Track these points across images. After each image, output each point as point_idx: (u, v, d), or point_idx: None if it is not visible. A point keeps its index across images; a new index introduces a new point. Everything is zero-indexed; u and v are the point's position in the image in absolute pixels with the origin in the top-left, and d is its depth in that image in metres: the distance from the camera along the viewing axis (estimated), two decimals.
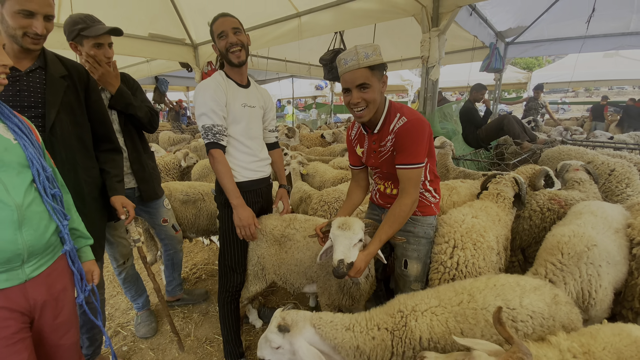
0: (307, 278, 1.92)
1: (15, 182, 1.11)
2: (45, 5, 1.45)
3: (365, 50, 1.46)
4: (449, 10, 3.21)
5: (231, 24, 1.76)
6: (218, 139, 1.75)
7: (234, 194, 1.78)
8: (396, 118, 1.58)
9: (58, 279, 1.26)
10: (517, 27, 5.85)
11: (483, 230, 1.79)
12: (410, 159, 1.54)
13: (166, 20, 5.03)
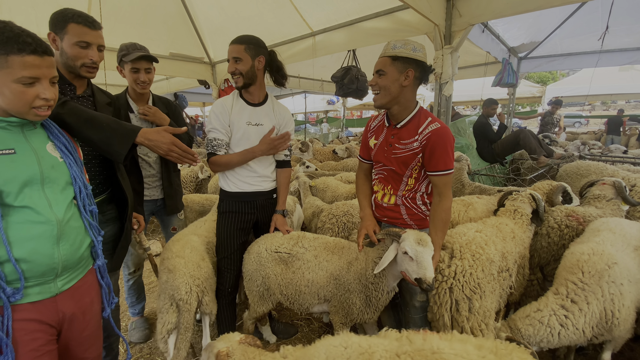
0: (319, 298, 1.90)
1: (58, 198, 1.17)
2: (98, 37, 1.61)
3: (396, 42, 1.59)
4: (461, 29, 3.26)
5: (233, 53, 1.89)
6: (215, 150, 1.97)
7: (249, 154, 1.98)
8: (427, 121, 1.64)
9: (86, 292, 1.30)
10: (530, 42, 5.86)
11: (484, 243, 1.80)
12: (448, 165, 1.62)
13: (186, 40, 5.26)
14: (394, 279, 1.68)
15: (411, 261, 1.48)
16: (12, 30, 1.00)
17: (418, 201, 1.78)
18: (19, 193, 1.06)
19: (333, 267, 1.85)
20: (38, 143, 1.16)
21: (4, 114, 1.06)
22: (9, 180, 1.04)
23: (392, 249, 1.57)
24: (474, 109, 20.23)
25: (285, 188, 2.22)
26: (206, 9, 4.80)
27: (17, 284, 1.07)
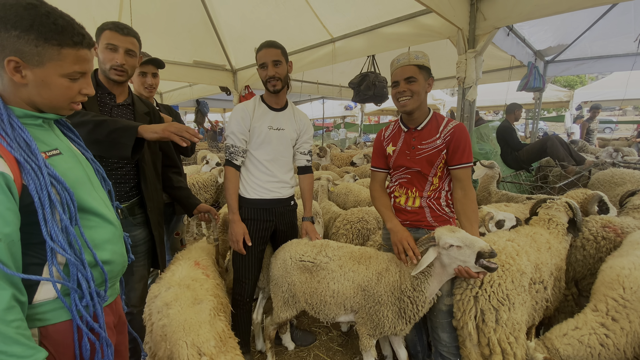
0: (346, 309, 1.86)
1: (105, 197, 1.15)
2: (126, 42, 1.67)
3: (417, 53, 1.73)
4: (486, 32, 3.18)
5: (273, 56, 1.91)
6: (232, 158, 2.00)
7: (232, 209, 1.99)
8: (445, 121, 1.79)
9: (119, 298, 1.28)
10: (558, 45, 5.65)
11: (515, 253, 1.72)
12: (470, 158, 1.75)
13: (209, 48, 5.41)
14: (439, 283, 1.63)
15: (460, 249, 1.46)
16: (64, 18, 0.92)
17: (442, 201, 1.84)
18: (83, 194, 1.01)
19: (360, 278, 1.80)
20: (66, 140, 1.10)
21: (34, 108, 0.96)
22: (73, 183, 0.99)
23: (431, 252, 1.54)
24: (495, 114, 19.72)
25: (310, 194, 2.23)
26: (229, 18, 4.92)
27: (101, 286, 1.07)
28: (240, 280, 2.09)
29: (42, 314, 0.94)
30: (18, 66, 0.88)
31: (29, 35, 0.87)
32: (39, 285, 0.93)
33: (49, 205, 0.90)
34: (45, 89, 0.93)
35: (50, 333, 0.95)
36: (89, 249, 1.00)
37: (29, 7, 0.87)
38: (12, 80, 0.90)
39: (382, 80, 4.82)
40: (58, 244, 0.91)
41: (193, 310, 1.59)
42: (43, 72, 0.91)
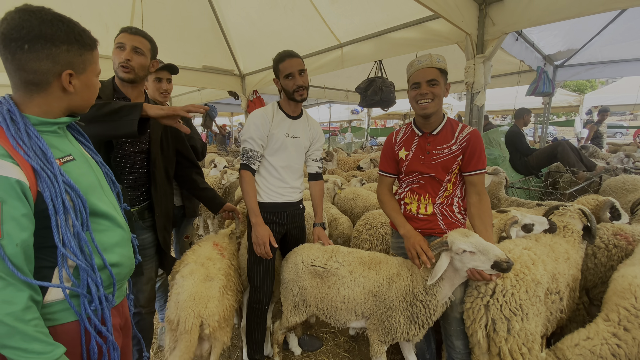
0: (357, 315, 1.84)
1: (114, 200, 1.18)
2: (133, 40, 1.71)
3: (438, 56, 1.72)
4: (494, 37, 3.18)
5: (298, 65, 1.91)
6: (250, 162, 1.97)
7: (254, 212, 1.95)
8: (460, 126, 1.78)
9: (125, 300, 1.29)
10: (567, 50, 5.60)
11: (531, 262, 1.69)
12: (484, 164, 1.74)
13: (218, 53, 5.48)
14: (451, 287, 1.61)
15: (474, 254, 1.45)
16: (78, 25, 1.00)
17: (455, 208, 1.83)
18: (93, 199, 1.04)
19: (371, 283, 1.79)
20: (77, 145, 1.13)
21: (50, 115, 0.99)
22: (86, 189, 1.02)
23: (444, 256, 1.53)
24: (503, 118, 19.56)
25: (320, 200, 2.24)
26: (238, 24, 4.98)
27: (109, 289, 1.09)
28: (258, 287, 2.07)
29: (52, 314, 0.97)
30: (71, 77, 0.97)
31: (74, 47, 0.96)
32: (48, 289, 0.96)
33: (62, 212, 0.93)
34: (87, 91, 1.05)
35: (59, 332, 0.97)
36: (99, 254, 1.03)
37: (61, 21, 0.94)
38: (61, 91, 0.97)
39: (389, 85, 4.82)
40: (70, 249, 0.95)
41: (204, 286, 1.79)
42: (86, 77, 1.02)
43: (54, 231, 0.92)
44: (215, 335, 1.73)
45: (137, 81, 1.78)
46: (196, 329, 1.64)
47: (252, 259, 2.07)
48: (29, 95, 0.95)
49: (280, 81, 1.97)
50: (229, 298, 1.89)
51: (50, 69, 0.94)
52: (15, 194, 0.85)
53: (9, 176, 0.84)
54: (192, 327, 1.63)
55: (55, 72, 0.95)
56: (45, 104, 0.97)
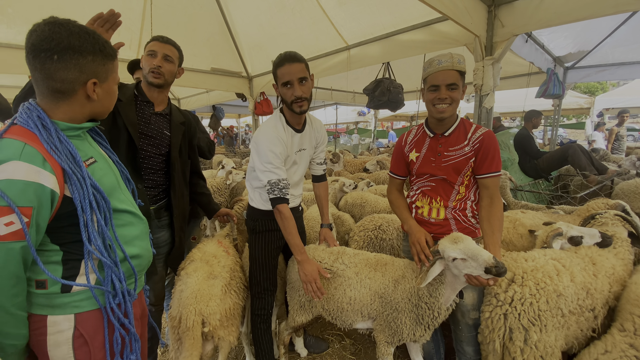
0: (363, 316, 1.85)
1: (130, 197, 1.25)
2: (164, 48, 1.79)
3: (459, 57, 1.63)
4: (504, 39, 3.15)
5: (298, 72, 1.69)
6: (284, 194, 1.77)
7: (299, 250, 1.80)
8: (473, 127, 1.72)
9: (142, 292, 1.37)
10: (578, 51, 5.53)
11: (555, 272, 1.62)
12: (499, 166, 1.68)
13: (226, 55, 5.53)
14: (453, 291, 1.59)
15: (465, 261, 1.43)
16: (101, 37, 1.06)
17: (468, 212, 1.77)
18: (114, 198, 1.12)
19: (377, 285, 1.79)
20: (96, 145, 1.20)
21: (75, 121, 1.05)
22: (108, 189, 1.10)
23: (437, 264, 1.52)
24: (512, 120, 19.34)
25: (326, 201, 2.21)
26: (246, 26, 5.03)
27: (131, 280, 1.18)
28: (261, 294, 2.05)
29: (78, 302, 1.04)
30: (95, 85, 1.03)
31: (98, 57, 1.03)
32: (77, 276, 1.04)
33: (89, 212, 1.01)
34: (109, 98, 1.12)
35: (85, 319, 1.05)
36: (120, 247, 1.11)
37: (87, 33, 1.00)
38: (85, 98, 1.03)
39: (397, 86, 4.81)
40: (96, 247, 1.03)
41: (207, 284, 1.79)
42: (108, 85, 1.09)
43: (82, 230, 1.00)
44: (218, 334, 1.73)
45: (165, 87, 1.86)
46: (198, 326, 1.65)
47: (255, 267, 2.03)
48: (56, 102, 1.01)
49: (279, 89, 1.77)
50: (232, 296, 1.88)
51: (77, 78, 1.00)
52: (47, 202, 0.93)
53: (46, 185, 0.92)
54: (193, 325, 1.63)
55: (81, 81, 1.01)
56: (70, 111, 1.03)
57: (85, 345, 1.05)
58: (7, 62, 3.69)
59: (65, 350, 1.03)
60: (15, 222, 0.88)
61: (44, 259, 1.00)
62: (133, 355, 1.14)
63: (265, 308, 2.08)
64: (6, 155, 0.88)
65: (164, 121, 1.91)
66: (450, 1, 2.68)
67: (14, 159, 0.88)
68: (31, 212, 0.90)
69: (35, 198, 0.91)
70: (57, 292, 1.01)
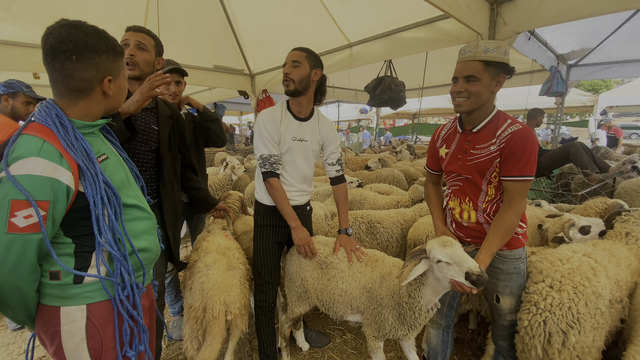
0: (352, 309, 1.90)
1: (140, 194, 1.29)
2: (136, 36, 1.75)
3: (487, 45, 1.46)
4: (506, 37, 3.15)
5: (293, 56, 1.86)
6: (274, 168, 1.90)
7: (292, 217, 1.92)
8: (506, 123, 1.52)
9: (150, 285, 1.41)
10: (581, 49, 5.50)
11: (592, 272, 1.60)
12: (525, 170, 1.46)
13: (229, 53, 5.55)
14: (435, 294, 1.60)
15: (449, 265, 1.41)
16: (109, 35, 1.10)
17: None
18: (124, 194, 1.17)
19: (366, 279, 1.84)
20: (108, 143, 1.24)
21: (89, 118, 1.10)
22: (119, 185, 1.14)
23: (422, 264, 1.53)
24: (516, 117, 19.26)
25: (345, 204, 2.14)
26: (248, 24, 5.04)
27: (139, 273, 1.22)
28: (263, 286, 2.09)
29: (89, 292, 1.09)
30: (110, 82, 1.08)
31: (110, 55, 1.07)
32: (88, 268, 1.09)
33: (101, 207, 1.06)
34: (121, 94, 1.16)
35: (96, 309, 1.09)
36: (129, 241, 1.15)
37: (99, 32, 1.05)
38: (102, 95, 1.08)
39: (398, 84, 4.82)
40: (106, 240, 1.07)
41: (227, 275, 1.92)
42: (120, 81, 1.14)
43: (94, 224, 1.05)
44: (235, 323, 1.87)
45: (143, 77, 1.77)
46: (222, 315, 1.78)
47: (257, 260, 2.09)
48: (74, 100, 1.06)
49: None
50: (246, 287, 2.02)
51: (94, 76, 1.05)
52: (62, 197, 0.98)
53: (62, 181, 0.97)
54: (219, 314, 1.76)
55: (98, 79, 1.06)
56: (87, 108, 1.08)
57: (98, 335, 1.09)
58: (11, 59, 3.73)
59: (78, 340, 1.06)
60: (33, 215, 0.93)
61: (58, 250, 1.04)
62: (141, 345, 1.18)
63: (267, 301, 2.11)
64: (26, 151, 0.93)
65: (151, 115, 1.86)
66: None
67: (33, 155, 0.93)
68: (48, 206, 0.95)
69: (52, 193, 0.95)
70: (69, 283, 1.05)
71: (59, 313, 1.05)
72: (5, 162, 0.92)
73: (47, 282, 1.04)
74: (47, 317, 1.06)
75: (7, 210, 0.90)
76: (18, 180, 0.90)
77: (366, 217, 2.83)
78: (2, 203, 0.91)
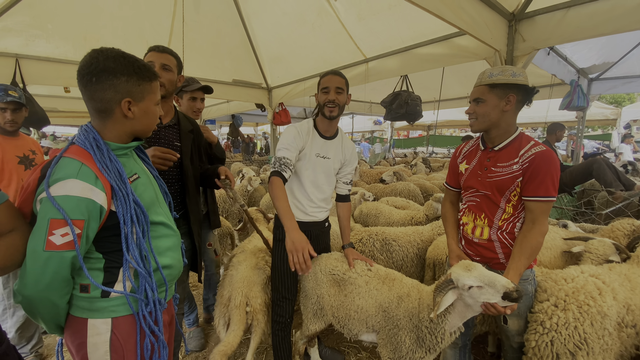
0: (368, 327, 1.88)
1: (167, 211, 1.35)
2: (160, 57, 1.85)
3: (492, 71, 1.60)
4: (525, 53, 3.13)
5: (337, 83, 1.90)
6: (282, 169, 1.86)
7: (287, 216, 1.69)
8: (529, 144, 1.58)
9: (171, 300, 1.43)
10: (603, 63, 5.39)
11: (597, 292, 1.58)
12: (550, 191, 1.50)
13: (247, 67, 5.72)
14: (461, 319, 1.56)
15: (482, 288, 1.37)
16: (142, 61, 1.16)
17: (517, 235, 1.62)
18: (152, 212, 1.22)
19: (382, 297, 1.82)
20: (140, 162, 1.30)
21: (121, 140, 1.16)
22: (148, 203, 1.20)
23: (450, 294, 1.47)
24: (533, 130, 18.87)
25: (348, 222, 2.20)
26: (267, 40, 5.20)
27: (162, 288, 1.26)
28: (280, 301, 2.10)
29: (115, 306, 1.13)
30: (130, 104, 1.11)
31: (132, 78, 1.11)
32: (115, 282, 1.14)
33: (130, 225, 1.11)
34: (146, 117, 1.19)
35: (120, 323, 1.14)
36: (154, 258, 1.19)
37: (123, 57, 1.10)
38: (123, 117, 1.13)
39: (415, 98, 4.82)
40: (133, 257, 1.12)
41: (253, 272, 2.20)
42: (145, 105, 1.17)
43: (122, 241, 1.11)
44: (257, 318, 2.08)
45: (167, 96, 1.89)
46: (243, 305, 2.03)
47: (275, 274, 2.09)
48: (103, 122, 1.12)
49: (318, 94, 1.97)
50: (269, 289, 2.20)
51: (112, 97, 1.09)
52: (96, 216, 1.04)
53: (97, 201, 1.03)
54: (240, 304, 2.02)
55: (116, 100, 1.09)
56: (115, 129, 1.14)
57: (120, 349, 1.13)
58: (44, 73, 3.95)
59: (102, 353, 1.11)
60: (69, 234, 0.99)
61: (89, 265, 1.10)
62: None
63: (284, 315, 2.11)
64: (65, 173, 1.00)
65: (174, 132, 1.95)
66: (470, 17, 2.70)
67: (72, 177, 1.00)
68: (83, 224, 1.01)
69: (86, 212, 1.01)
70: (97, 296, 1.11)
71: (86, 325, 1.10)
72: (47, 183, 0.99)
73: (77, 294, 1.10)
74: (75, 328, 1.11)
75: (46, 229, 0.97)
76: (57, 201, 0.97)
77: (381, 234, 2.81)
78: (42, 222, 0.97)
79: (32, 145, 2.53)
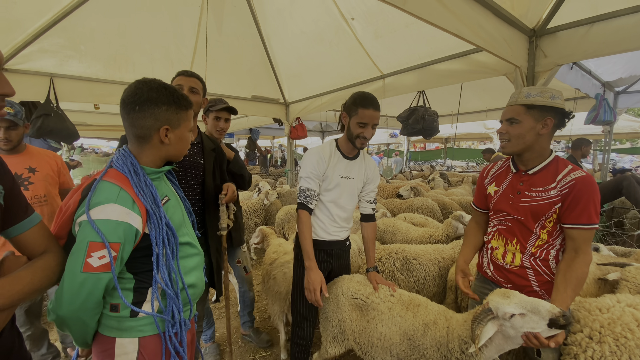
0: (392, 355, 1.80)
1: (192, 231, 1.38)
2: (189, 81, 1.98)
3: (529, 90, 1.53)
4: (547, 69, 3.07)
5: (376, 119, 1.85)
6: (308, 201, 1.94)
7: (309, 256, 1.88)
8: (567, 169, 1.51)
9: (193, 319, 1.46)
10: (630, 76, 5.19)
11: (635, 324, 1.47)
12: (593, 218, 1.43)
13: (266, 83, 5.87)
14: (498, 352, 1.45)
15: (524, 316, 1.27)
16: (179, 91, 1.22)
17: (552, 263, 1.55)
18: (180, 233, 1.26)
19: (407, 325, 1.75)
20: (169, 184, 1.36)
21: (156, 164, 1.22)
22: (177, 225, 1.24)
23: (490, 326, 1.36)
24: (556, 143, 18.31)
25: (373, 244, 2.15)
26: (286, 58, 5.33)
27: (186, 307, 1.29)
28: (301, 323, 2.07)
29: (142, 326, 1.17)
30: (167, 131, 1.18)
31: (172, 107, 1.18)
32: (143, 302, 1.18)
33: (162, 247, 1.16)
34: (180, 143, 1.25)
35: (147, 343, 1.17)
36: (181, 278, 1.23)
37: (165, 88, 1.18)
38: (159, 142, 1.19)
39: (431, 114, 4.80)
40: (162, 278, 1.17)
41: None
42: (180, 131, 1.23)
43: (154, 262, 1.15)
44: None
45: (193, 117, 2.00)
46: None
47: (296, 295, 2.07)
48: (141, 147, 1.19)
49: (350, 121, 1.88)
50: None
51: (152, 125, 1.16)
52: (131, 239, 1.09)
53: (133, 225, 1.08)
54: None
55: (156, 127, 1.16)
56: (151, 154, 1.20)
57: None
58: (76, 91, 4.18)
59: None
60: (106, 256, 1.02)
61: (120, 285, 1.13)
62: None
63: (304, 338, 2.08)
64: (105, 197, 1.05)
65: (197, 150, 2.06)
66: (488, 35, 2.69)
67: (111, 202, 1.05)
68: (119, 247, 1.05)
69: (123, 235, 1.05)
70: (126, 316, 1.14)
71: (114, 344, 1.13)
72: (88, 206, 1.04)
73: (107, 313, 1.13)
74: (103, 346, 1.14)
75: (85, 251, 1.01)
76: (97, 224, 1.02)
77: (401, 252, 2.74)
78: (82, 244, 1.02)
79: (34, 162, 2.28)
